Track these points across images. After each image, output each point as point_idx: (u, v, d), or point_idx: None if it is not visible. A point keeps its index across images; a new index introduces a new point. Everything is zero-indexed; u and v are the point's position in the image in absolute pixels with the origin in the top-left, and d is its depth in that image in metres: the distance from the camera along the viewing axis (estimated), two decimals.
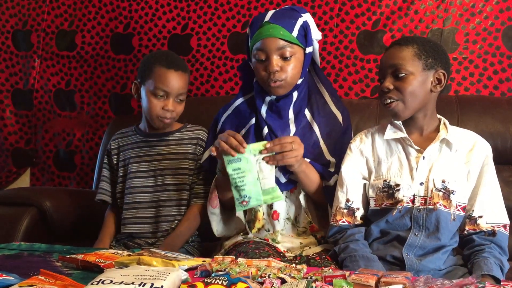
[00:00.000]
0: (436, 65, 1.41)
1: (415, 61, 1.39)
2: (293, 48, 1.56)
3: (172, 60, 1.72)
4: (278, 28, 1.53)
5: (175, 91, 1.70)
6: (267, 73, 1.56)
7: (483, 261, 1.30)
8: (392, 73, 1.41)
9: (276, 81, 1.56)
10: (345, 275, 1.01)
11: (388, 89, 1.41)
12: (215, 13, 2.43)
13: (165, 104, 1.70)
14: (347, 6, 2.27)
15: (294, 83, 1.60)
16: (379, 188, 1.44)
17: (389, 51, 1.45)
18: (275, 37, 1.53)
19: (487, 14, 2.14)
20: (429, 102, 1.44)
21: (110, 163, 1.86)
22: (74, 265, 1.18)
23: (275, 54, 1.54)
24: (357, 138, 1.55)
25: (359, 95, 2.25)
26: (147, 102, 1.72)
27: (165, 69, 1.69)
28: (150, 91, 1.70)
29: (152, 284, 0.88)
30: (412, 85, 1.39)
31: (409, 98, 1.40)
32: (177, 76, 1.70)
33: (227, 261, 1.16)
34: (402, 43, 1.43)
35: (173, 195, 1.74)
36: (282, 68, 1.55)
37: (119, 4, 2.54)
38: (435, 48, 1.43)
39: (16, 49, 2.67)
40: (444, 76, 1.43)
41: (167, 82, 1.68)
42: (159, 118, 1.72)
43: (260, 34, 1.56)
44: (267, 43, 1.54)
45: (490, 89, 2.14)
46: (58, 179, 2.65)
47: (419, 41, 1.43)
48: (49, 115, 2.65)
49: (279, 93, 1.60)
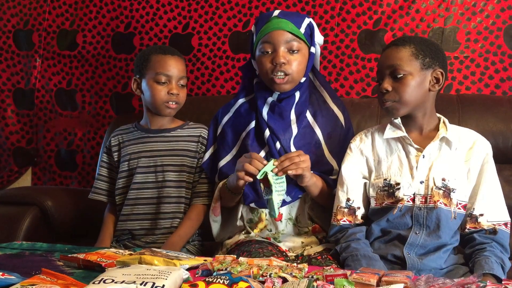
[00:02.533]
0: (433, 64, 1.41)
1: (413, 61, 1.39)
2: (300, 43, 1.57)
3: (166, 48, 1.81)
4: (286, 22, 1.55)
5: (176, 74, 1.74)
6: (273, 65, 1.56)
7: (484, 260, 1.30)
8: (390, 74, 1.42)
9: (282, 75, 1.56)
10: (346, 274, 1.01)
11: (387, 90, 1.41)
12: (216, 12, 2.43)
13: (170, 89, 1.73)
14: (348, 5, 2.27)
15: (298, 79, 1.60)
16: (380, 187, 1.44)
17: (387, 51, 1.45)
18: (283, 29, 1.55)
19: (488, 13, 2.13)
20: (427, 101, 1.44)
21: (110, 160, 1.86)
22: (76, 264, 1.19)
23: (282, 47, 1.55)
24: (357, 137, 1.55)
25: (360, 94, 2.25)
26: (151, 91, 1.74)
27: (162, 55, 1.75)
28: (152, 79, 1.74)
29: (153, 283, 0.88)
30: (410, 85, 1.39)
31: (407, 98, 1.40)
32: (175, 60, 1.75)
33: (229, 260, 1.17)
34: (399, 44, 1.43)
35: (173, 192, 1.74)
36: (288, 61, 1.56)
37: (120, 4, 2.54)
38: (432, 47, 1.43)
39: (18, 49, 2.67)
40: (442, 75, 1.43)
41: (167, 66, 1.73)
42: (164, 104, 1.74)
43: (267, 28, 1.57)
44: (275, 35, 1.55)
45: (491, 88, 2.13)
46: (60, 179, 2.65)
47: (416, 41, 1.43)
48: (50, 115, 2.65)
49: (284, 89, 1.60)
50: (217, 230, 1.64)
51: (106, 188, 1.85)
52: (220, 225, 1.64)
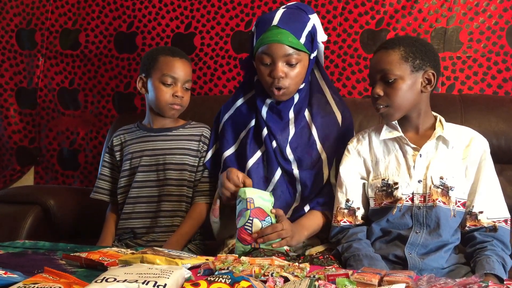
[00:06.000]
0: (424, 66, 1.40)
1: (402, 64, 1.39)
2: (299, 55, 1.54)
3: (175, 50, 1.82)
4: (286, 34, 1.51)
5: (182, 77, 1.75)
6: (272, 78, 1.55)
7: (486, 259, 1.29)
8: (381, 79, 1.41)
9: (280, 88, 1.55)
10: (348, 274, 1.01)
11: (379, 95, 1.41)
12: (219, 12, 2.43)
13: (175, 91, 1.74)
14: (350, 5, 2.27)
15: (296, 89, 1.60)
16: (378, 187, 1.45)
17: (376, 55, 1.44)
18: (283, 43, 1.51)
19: (491, 13, 2.13)
20: (421, 102, 1.44)
21: (112, 160, 1.86)
22: (78, 263, 1.19)
23: (281, 61, 1.53)
24: (354, 139, 1.56)
25: (362, 94, 2.25)
26: (156, 92, 1.75)
27: (170, 57, 1.76)
28: (158, 80, 1.74)
29: (155, 282, 0.88)
30: (401, 90, 1.39)
31: (399, 103, 1.40)
32: (182, 63, 1.76)
33: (230, 260, 1.17)
34: (388, 47, 1.42)
35: (174, 191, 1.74)
36: (286, 74, 1.54)
37: (122, 3, 2.54)
38: (423, 48, 1.41)
39: (20, 48, 2.68)
40: (434, 76, 1.42)
41: (174, 69, 1.74)
42: (169, 105, 1.75)
43: (267, 38, 1.53)
44: (274, 49, 1.52)
45: (494, 88, 2.13)
46: (62, 178, 2.66)
47: (405, 43, 1.42)
48: (53, 114, 2.66)
49: (283, 99, 1.60)
50: (217, 230, 1.64)
51: (108, 187, 1.85)
52: (221, 224, 1.64)
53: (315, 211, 1.56)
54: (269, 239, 1.37)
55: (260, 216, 1.39)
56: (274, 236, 1.37)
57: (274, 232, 1.37)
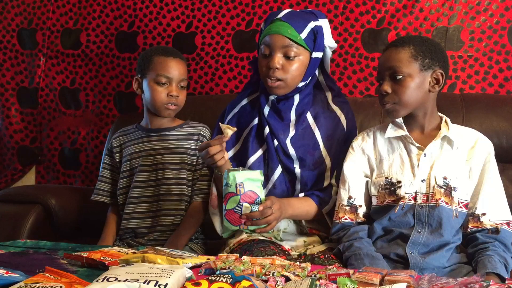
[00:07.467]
0: (433, 65, 1.41)
1: (412, 63, 1.39)
2: (298, 49, 1.55)
3: (169, 50, 1.82)
4: (286, 26, 1.53)
5: (176, 76, 1.75)
6: (267, 69, 1.56)
7: (487, 259, 1.29)
8: (389, 76, 1.42)
9: (274, 79, 1.55)
10: (349, 273, 1.01)
11: (386, 92, 1.41)
12: (220, 11, 2.43)
13: (169, 91, 1.74)
14: (351, 4, 2.27)
15: (294, 85, 1.59)
16: (381, 185, 1.45)
17: (386, 53, 1.45)
18: (282, 34, 1.53)
19: (492, 12, 2.13)
20: (428, 102, 1.44)
21: (112, 162, 1.87)
22: (79, 263, 1.19)
23: (279, 52, 1.54)
24: (359, 137, 1.56)
25: (364, 94, 2.25)
26: (151, 92, 1.75)
27: (164, 57, 1.76)
28: (153, 80, 1.75)
29: (156, 281, 0.88)
30: (409, 87, 1.39)
31: (406, 100, 1.40)
32: (176, 63, 1.76)
33: (232, 259, 1.17)
34: (398, 45, 1.43)
35: (173, 190, 1.75)
36: (283, 67, 1.55)
37: (123, 3, 2.54)
38: (432, 48, 1.42)
39: (22, 48, 2.68)
40: (442, 76, 1.42)
41: (168, 68, 1.74)
42: (164, 105, 1.76)
43: (269, 30, 1.56)
44: (273, 39, 1.54)
45: (495, 87, 2.13)
46: (63, 177, 2.66)
47: (416, 42, 1.42)
48: (54, 113, 2.66)
49: (277, 93, 1.60)
50: (219, 223, 1.63)
51: (108, 189, 1.86)
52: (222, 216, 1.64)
53: (309, 199, 1.57)
54: (257, 224, 1.40)
55: (251, 199, 1.39)
56: (262, 222, 1.40)
57: (263, 218, 1.39)
